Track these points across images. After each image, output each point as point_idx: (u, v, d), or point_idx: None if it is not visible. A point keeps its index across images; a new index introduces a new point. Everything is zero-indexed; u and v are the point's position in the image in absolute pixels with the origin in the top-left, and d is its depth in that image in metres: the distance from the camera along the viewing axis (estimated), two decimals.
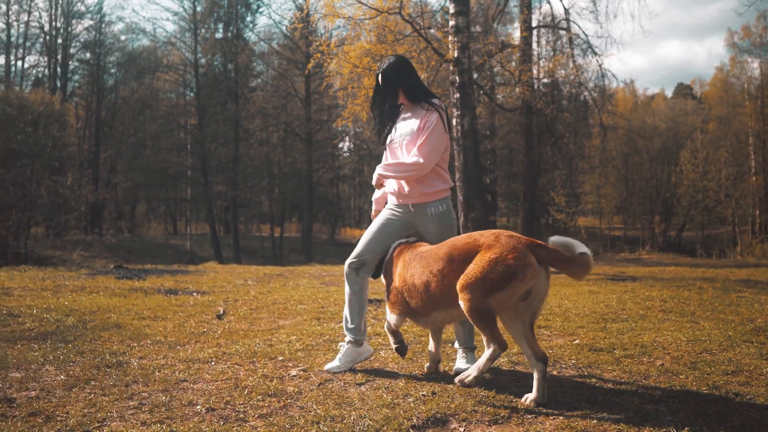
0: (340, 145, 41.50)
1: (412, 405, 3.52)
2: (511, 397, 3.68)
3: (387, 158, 4.44)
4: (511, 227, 40.28)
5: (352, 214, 50.53)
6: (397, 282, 4.14)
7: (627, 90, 43.08)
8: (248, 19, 39.57)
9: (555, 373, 4.19)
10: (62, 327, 5.94)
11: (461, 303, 3.67)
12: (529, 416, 3.34)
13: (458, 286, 3.68)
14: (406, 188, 4.33)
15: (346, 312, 4.42)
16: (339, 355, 4.37)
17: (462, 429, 3.19)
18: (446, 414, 3.37)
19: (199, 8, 37.47)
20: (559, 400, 3.58)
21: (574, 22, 24.73)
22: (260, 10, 46.64)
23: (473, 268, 3.63)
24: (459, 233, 4.43)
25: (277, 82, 37.39)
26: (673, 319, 6.21)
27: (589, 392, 3.73)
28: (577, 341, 5.12)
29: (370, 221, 4.65)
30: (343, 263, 4.55)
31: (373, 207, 4.74)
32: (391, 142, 4.40)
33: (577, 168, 33.04)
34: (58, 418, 3.28)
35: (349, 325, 4.38)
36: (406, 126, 4.35)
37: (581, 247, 3.59)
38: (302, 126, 33.95)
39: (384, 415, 3.32)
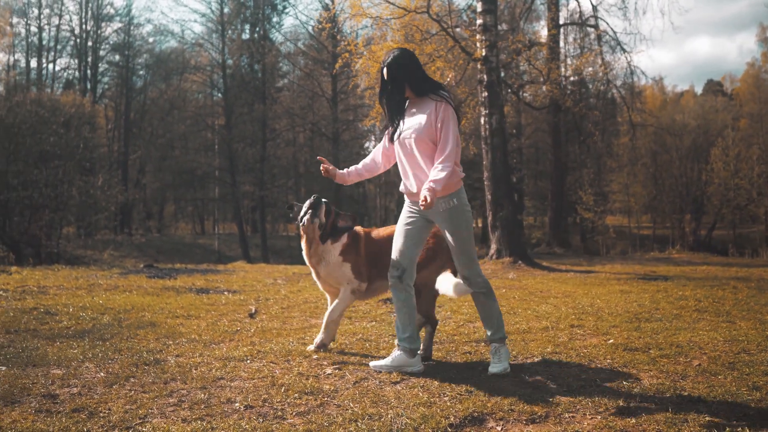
0: (367, 145, 41.51)
1: (448, 403, 3.53)
2: (548, 396, 3.66)
3: (399, 155, 4.38)
4: (538, 226, 40.07)
5: (378, 213, 50.49)
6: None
7: (656, 87, 42.61)
8: (274, 19, 39.81)
9: (591, 372, 4.17)
10: (98, 325, 6.03)
11: None
12: (567, 415, 3.33)
13: None
14: (415, 188, 4.29)
15: (397, 321, 4.40)
16: (391, 356, 4.33)
17: (499, 428, 3.18)
18: (483, 413, 3.37)
19: (226, 10, 37.77)
20: (597, 399, 3.56)
21: (602, 19, 24.48)
22: (286, 10, 46.84)
23: None
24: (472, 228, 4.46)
25: (304, 82, 37.55)
26: (708, 318, 6.14)
27: (627, 392, 3.71)
28: (611, 341, 5.08)
29: (396, 220, 4.63)
30: None
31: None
32: (399, 137, 4.33)
33: (605, 166, 32.71)
34: (101, 414, 3.33)
35: (402, 335, 4.34)
36: (413, 120, 4.28)
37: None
38: (329, 126, 34.04)
39: (421, 413, 3.33)
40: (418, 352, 4.36)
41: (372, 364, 4.35)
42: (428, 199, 3.97)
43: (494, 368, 4.24)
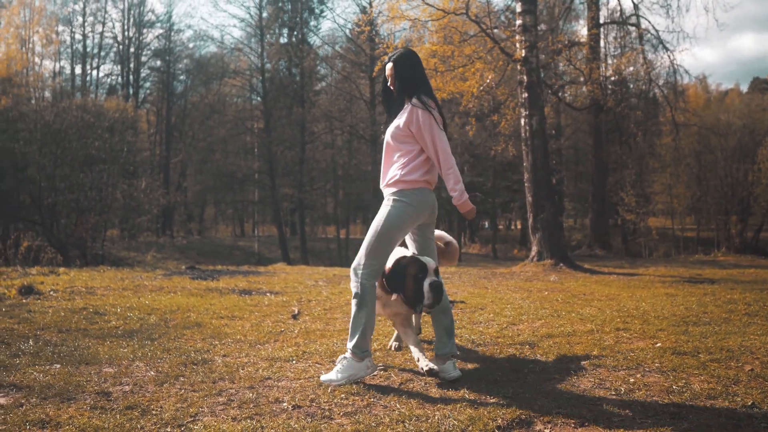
0: None
1: (495, 406, 3.52)
2: (596, 399, 3.63)
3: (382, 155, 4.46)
4: (579, 228, 39.61)
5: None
6: None
7: (699, 86, 41.83)
8: (312, 23, 40.11)
9: (639, 376, 4.11)
10: (146, 325, 6.15)
11: None
12: (616, 420, 3.29)
13: None
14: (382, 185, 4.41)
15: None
16: (338, 368, 4.16)
17: (548, 431, 3.16)
18: (530, 415, 3.36)
19: (264, 14, 38.15)
20: (646, 404, 3.51)
21: (643, 17, 24.20)
22: (324, 14, 47.10)
23: None
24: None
25: (342, 85, 37.70)
26: (759, 322, 6.00)
27: (677, 397, 3.65)
28: (659, 344, 5.00)
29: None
30: None
31: None
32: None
33: (648, 167, 32.13)
34: (153, 412, 3.40)
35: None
36: (395, 121, 4.37)
37: (447, 237, 4.36)
38: (367, 128, 34.12)
39: (468, 415, 3.33)
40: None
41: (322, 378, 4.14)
42: (472, 213, 4.31)
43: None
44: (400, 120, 4.29)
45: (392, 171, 4.28)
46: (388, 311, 4.38)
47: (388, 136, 4.36)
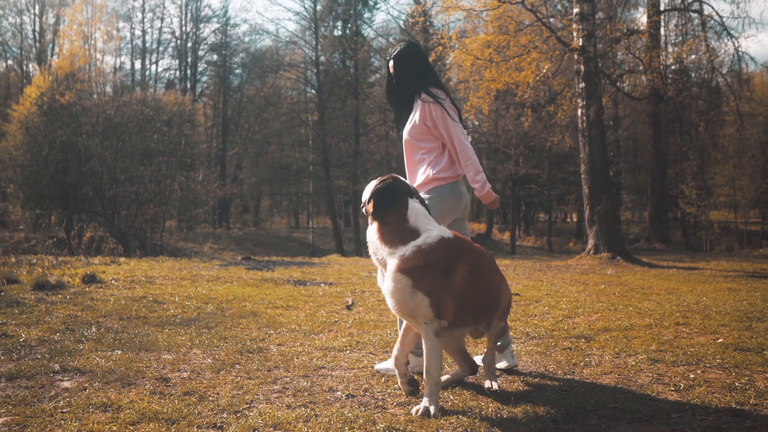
0: None
1: (549, 398, 3.47)
2: (654, 395, 3.55)
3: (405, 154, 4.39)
4: (636, 221, 38.77)
5: (471, 207, 50.22)
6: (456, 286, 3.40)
7: (765, 74, 40.27)
8: (366, 15, 40.08)
9: (699, 372, 4.00)
10: (203, 314, 6.28)
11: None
12: (675, 416, 3.21)
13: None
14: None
15: None
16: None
17: (603, 425, 3.10)
18: (585, 409, 3.30)
19: (318, 7, 38.31)
20: (706, 400, 3.42)
21: (706, 3, 23.44)
22: (378, 6, 47.04)
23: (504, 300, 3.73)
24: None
25: None
26: None
27: (739, 394, 3.53)
28: (720, 340, 4.86)
29: (488, 213, 4.58)
30: None
31: None
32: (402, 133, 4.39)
33: (710, 158, 31.22)
34: (210, 398, 3.47)
35: None
36: (410, 118, 4.30)
37: None
38: None
39: (522, 407, 3.30)
40: None
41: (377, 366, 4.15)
42: (496, 203, 4.22)
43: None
44: (414, 116, 4.24)
45: (423, 170, 4.23)
46: None
47: (406, 134, 4.30)
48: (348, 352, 4.65)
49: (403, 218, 3.44)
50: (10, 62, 42.88)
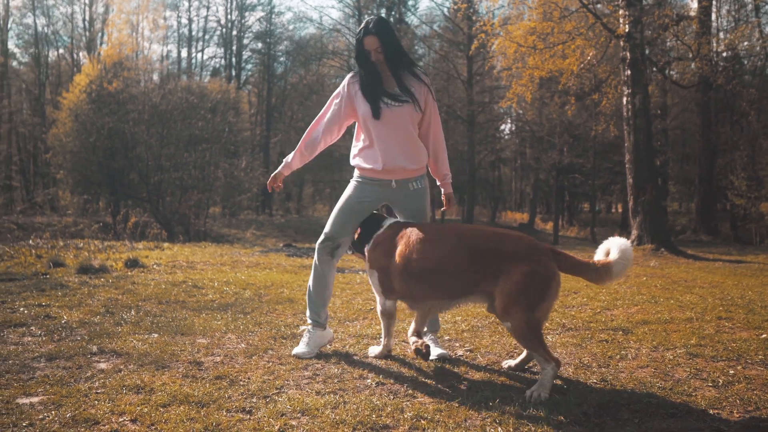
0: (502, 127, 40.88)
1: (582, 391, 3.42)
2: (690, 390, 3.46)
3: (381, 129, 4.07)
4: (683, 212, 37.92)
5: (513, 196, 49.76)
6: (398, 264, 3.76)
7: None
8: (410, 2, 40.09)
9: (740, 368, 3.89)
10: (240, 299, 6.35)
11: (509, 324, 3.44)
12: (712, 412, 3.12)
13: (501, 308, 3.45)
14: (399, 163, 4.08)
15: (312, 295, 4.29)
16: (305, 340, 4.20)
17: (636, 420, 3.04)
18: (618, 403, 3.23)
19: None
20: (745, 398, 3.32)
21: None
22: None
23: (510, 286, 3.42)
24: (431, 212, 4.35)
25: (439, 65, 37.38)
26: None
27: None
28: (764, 336, 4.72)
29: (531, 203, 4.52)
30: None
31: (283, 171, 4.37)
32: (389, 108, 4.05)
33: (761, 148, 30.30)
34: (241, 383, 3.50)
35: (316, 308, 4.26)
36: (406, 93, 4.07)
37: (614, 253, 3.69)
38: (464, 108, 33.76)
39: (554, 399, 3.25)
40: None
41: (294, 351, 4.15)
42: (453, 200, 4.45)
43: (440, 350, 4.17)
44: (415, 92, 4.09)
45: (423, 152, 4.18)
46: None
47: (401, 114, 4.05)
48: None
49: None
50: (61, 51, 43.94)
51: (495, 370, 3.88)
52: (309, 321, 4.27)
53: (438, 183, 4.39)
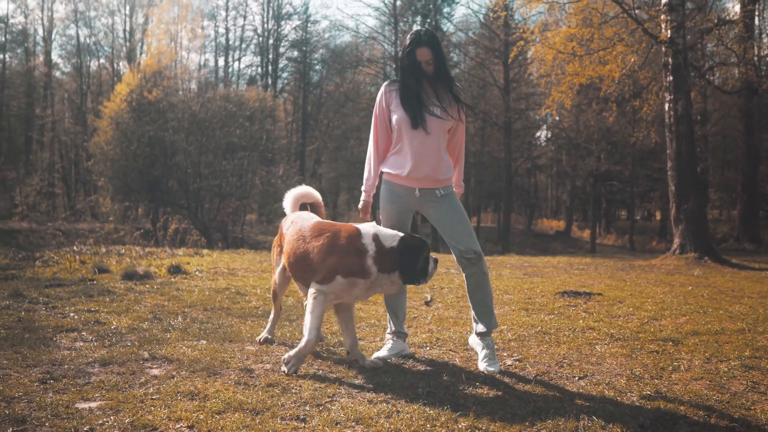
0: (538, 134, 40.59)
1: (636, 403, 3.36)
2: (749, 404, 3.38)
3: (415, 137, 4.15)
4: (725, 220, 37.20)
5: (549, 204, 49.34)
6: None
7: None
8: (446, 10, 39.88)
9: None
10: (284, 306, 6.38)
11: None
12: None
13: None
14: (424, 173, 4.18)
15: (387, 306, 4.52)
16: (388, 346, 4.39)
17: None
18: (675, 416, 3.18)
19: (398, 2, 38.40)
20: None
21: None
22: (457, 0, 46.80)
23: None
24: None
25: (475, 72, 37.33)
26: None
27: None
28: None
29: (567, 210, 4.50)
30: (541, 254, 4.41)
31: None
32: (428, 117, 4.16)
33: None
34: (293, 391, 3.51)
35: (393, 318, 4.47)
36: (444, 104, 4.20)
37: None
38: (500, 115, 33.62)
39: (608, 411, 3.20)
40: None
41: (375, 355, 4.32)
42: None
43: (493, 366, 4.06)
44: (449, 110, 4.18)
45: (447, 167, 4.25)
46: (368, 293, 4.02)
47: (440, 126, 4.16)
48: (428, 348, 4.64)
49: None
50: (102, 61, 44.86)
51: (545, 381, 3.83)
52: (392, 329, 4.47)
53: None
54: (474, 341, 4.31)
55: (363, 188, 4.41)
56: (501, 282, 9.06)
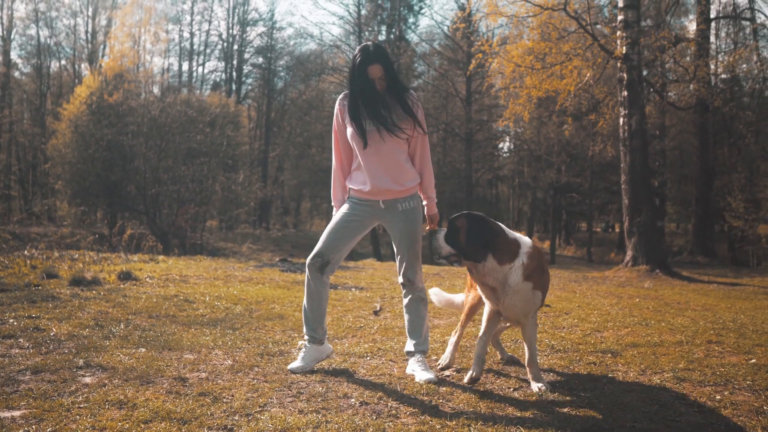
0: (500, 146, 40.96)
1: (566, 415, 3.40)
2: (675, 415, 3.45)
3: (368, 152, 4.15)
4: (681, 233, 37.94)
5: (510, 215, 49.73)
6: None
7: None
8: (410, 20, 40.08)
9: (727, 393, 3.87)
10: (231, 315, 6.33)
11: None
12: None
13: None
14: (384, 185, 4.17)
15: (307, 312, 4.36)
16: (301, 355, 4.29)
17: None
18: (602, 427, 3.23)
19: (363, 11, 38.49)
20: (731, 424, 3.31)
21: (759, 11, 22.89)
22: (422, 11, 47.12)
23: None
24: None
25: (438, 83, 37.55)
26: None
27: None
28: (753, 360, 4.71)
29: (528, 221, 4.54)
30: None
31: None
32: (379, 131, 4.12)
33: (759, 171, 30.36)
34: (224, 400, 3.48)
35: (312, 324, 4.32)
36: (395, 116, 4.16)
37: None
38: (462, 126, 33.88)
39: (538, 421, 3.23)
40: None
41: (289, 367, 4.23)
42: (437, 217, 4.41)
43: (427, 374, 4.07)
44: (401, 125, 4.15)
45: (411, 175, 4.24)
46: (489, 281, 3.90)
47: (394, 133, 4.12)
48: (368, 358, 4.64)
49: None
50: (63, 62, 44.08)
51: (483, 389, 3.86)
52: (305, 336, 4.33)
53: (423, 203, 4.41)
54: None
55: (333, 203, 4.48)
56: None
